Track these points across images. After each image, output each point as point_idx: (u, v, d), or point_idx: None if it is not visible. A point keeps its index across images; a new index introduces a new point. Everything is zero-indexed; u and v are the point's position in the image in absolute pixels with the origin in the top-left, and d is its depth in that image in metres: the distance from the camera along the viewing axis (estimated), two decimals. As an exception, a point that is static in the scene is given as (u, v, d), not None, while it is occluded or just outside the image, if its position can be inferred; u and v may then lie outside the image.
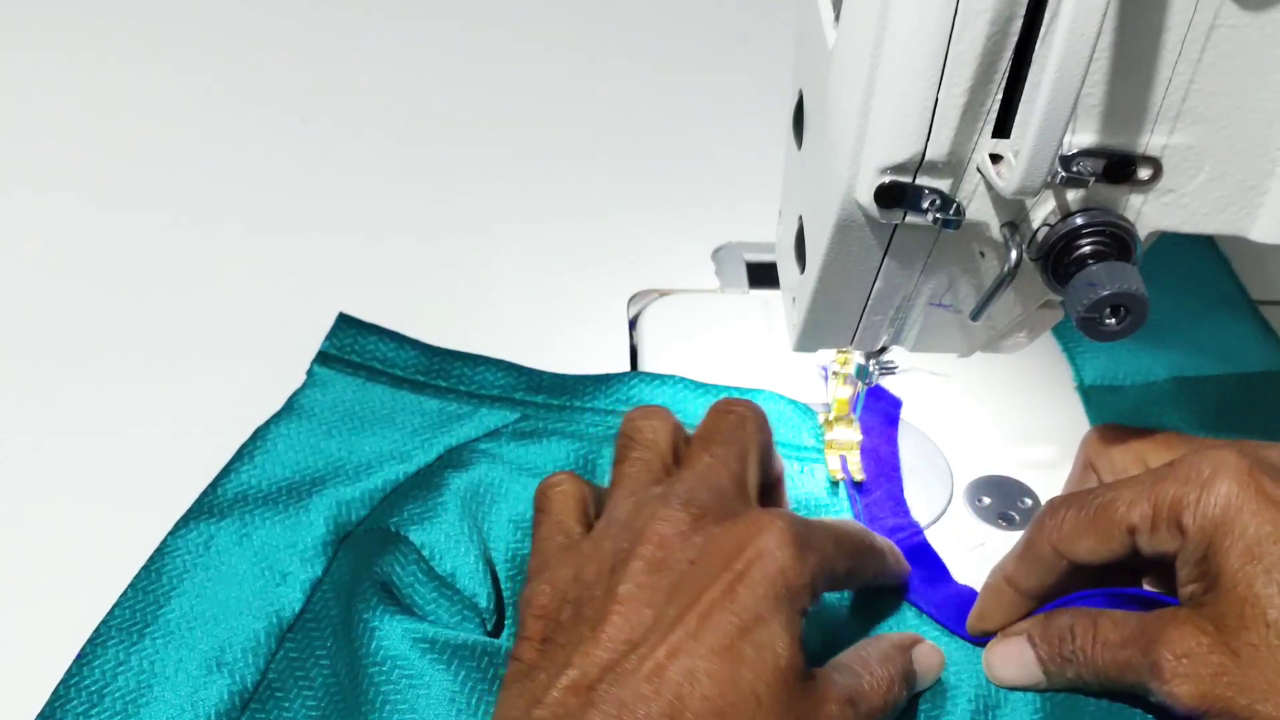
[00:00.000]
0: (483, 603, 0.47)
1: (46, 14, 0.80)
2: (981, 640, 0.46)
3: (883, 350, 0.49)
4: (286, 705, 0.45)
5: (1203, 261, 0.66)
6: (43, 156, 0.70)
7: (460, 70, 0.79)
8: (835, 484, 0.53)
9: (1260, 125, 0.38)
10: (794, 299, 0.47)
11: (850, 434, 0.53)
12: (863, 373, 0.51)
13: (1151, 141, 0.38)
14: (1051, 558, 0.44)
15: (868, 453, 0.54)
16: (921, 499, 0.53)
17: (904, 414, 0.56)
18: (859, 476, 0.53)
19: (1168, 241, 0.41)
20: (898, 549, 0.48)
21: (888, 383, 0.56)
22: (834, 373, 0.53)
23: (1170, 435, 0.46)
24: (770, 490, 0.48)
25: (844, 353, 0.52)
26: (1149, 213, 0.39)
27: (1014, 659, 0.44)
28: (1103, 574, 0.45)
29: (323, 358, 0.57)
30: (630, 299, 0.63)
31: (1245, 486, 0.39)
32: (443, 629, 0.45)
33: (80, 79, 0.76)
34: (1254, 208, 0.39)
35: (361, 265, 0.64)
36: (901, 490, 0.53)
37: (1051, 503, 0.45)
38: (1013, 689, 0.45)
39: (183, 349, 0.59)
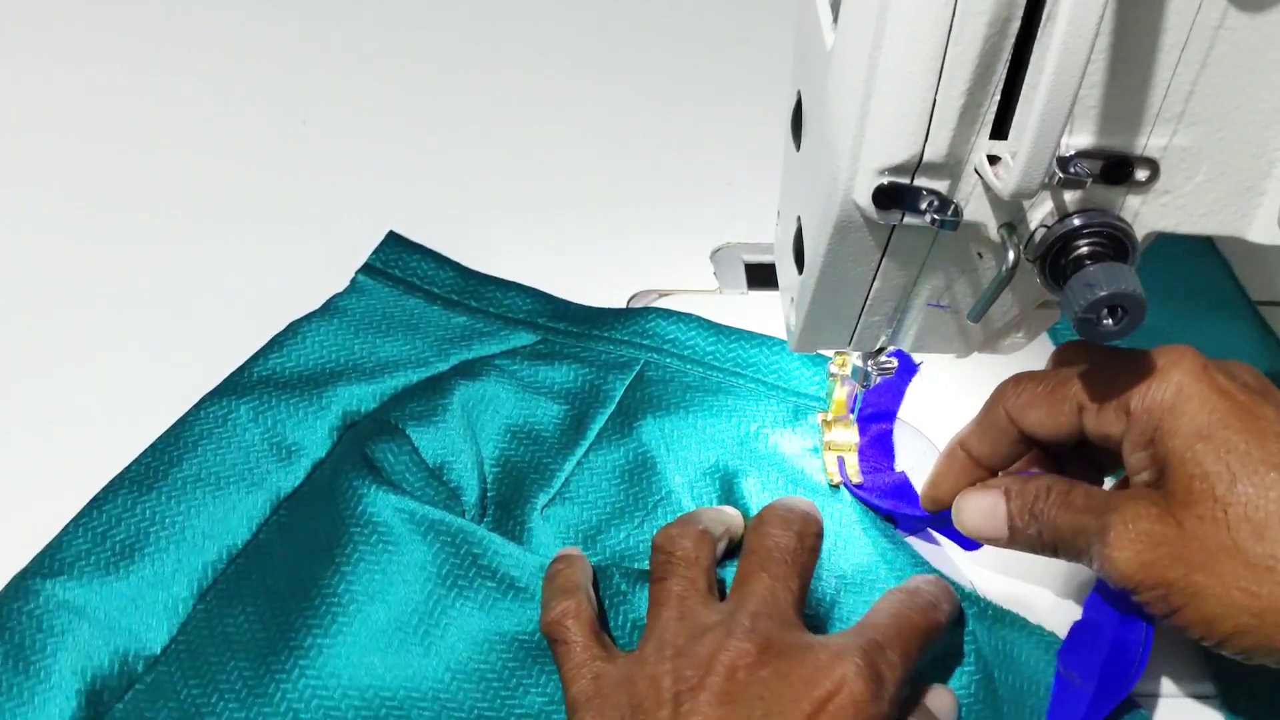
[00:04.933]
0: (466, 496, 0.49)
1: (47, 13, 0.80)
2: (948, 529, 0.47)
3: (880, 351, 0.49)
4: (269, 561, 0.48)
5: (1202, 262, 0.66)
6: (58, 143, 0.70)
7: (460, 71, 0.79)
8: (835, 487, 0.53)
9: (1258, 126, 0.38)
10: (792, 300, 0.47)
11: (848, 435, 0.53)
12: (860, 374, 0.51)
13: (1149, 143, 0.38)
14: (1005, 424, 0.45)
15: (872, 392, 0.55)
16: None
17: (902, 414, 0.56)
18: (857, 479, 0.53)
19: (1167, 243, 0.41)
20: (947, 585, 0.46)
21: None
22: (832, 374, 0.53)
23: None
24: None
25: (842, 354, 0.52)
26: (1146, 214, 0.39)
27: (986, 509, 0.44)
28: (1058, 461, 0.46)
29: (367, 269, 0.60)
30: (630, 299, 0.63)
31: (1198, 379, 0.40)
32: (425, 506, 0.47)
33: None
34: (1251, 208, 0.39)
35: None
36: (892, 434, 0.54)
37: (1016, 375, 0.45)
38: (976, 538, 0.45)
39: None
